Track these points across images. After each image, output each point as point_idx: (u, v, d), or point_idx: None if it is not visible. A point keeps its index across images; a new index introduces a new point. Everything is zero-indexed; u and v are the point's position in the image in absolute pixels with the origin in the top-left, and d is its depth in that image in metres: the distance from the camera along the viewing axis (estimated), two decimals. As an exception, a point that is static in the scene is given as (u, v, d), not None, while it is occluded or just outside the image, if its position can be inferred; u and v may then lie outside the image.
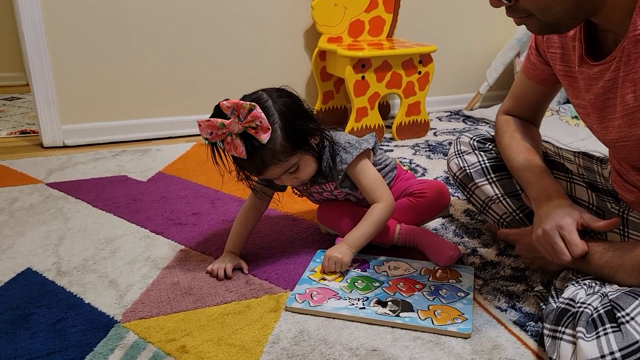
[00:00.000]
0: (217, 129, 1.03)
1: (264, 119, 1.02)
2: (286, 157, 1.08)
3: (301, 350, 0.94)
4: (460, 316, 1.02)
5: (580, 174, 1.19)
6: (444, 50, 2.37)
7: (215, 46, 2.23)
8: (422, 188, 1.31)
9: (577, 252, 0.93)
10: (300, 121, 1.10)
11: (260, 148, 1.04)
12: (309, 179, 1.18)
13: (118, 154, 2.02)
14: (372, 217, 1.19)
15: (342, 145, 1.20)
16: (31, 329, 1.00)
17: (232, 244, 1.24)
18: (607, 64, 0.86)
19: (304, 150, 1.11)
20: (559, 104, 2.47)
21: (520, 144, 1.15)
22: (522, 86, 1.20)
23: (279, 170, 1.10)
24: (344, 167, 1.18)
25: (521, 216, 1.20)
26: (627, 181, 1.01)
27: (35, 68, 2.01)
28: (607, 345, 0.75)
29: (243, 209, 1.27)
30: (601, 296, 0.84)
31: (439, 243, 1.22)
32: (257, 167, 1.09)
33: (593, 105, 0.93)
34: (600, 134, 0.96)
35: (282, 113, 1.07)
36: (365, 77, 2.08)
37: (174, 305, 1.07)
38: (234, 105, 1.01)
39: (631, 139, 0.87)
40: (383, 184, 1.22)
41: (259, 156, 1.06)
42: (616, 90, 0.86)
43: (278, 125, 1.06)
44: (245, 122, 1.02)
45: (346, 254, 1.16)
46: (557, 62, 1.02)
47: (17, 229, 1.40)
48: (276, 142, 1.06)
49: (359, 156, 1.19)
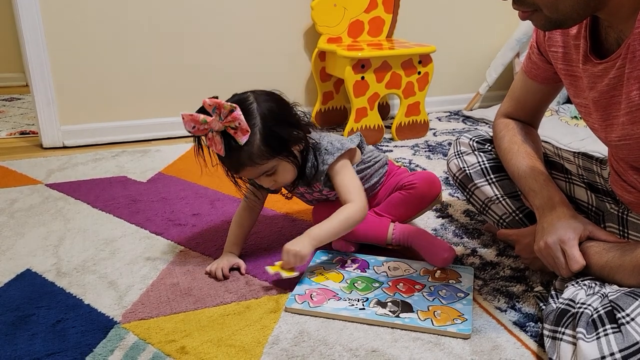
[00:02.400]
0: (200, 124, 1.05)
1: (243, 122, 1.04)
2: (263, 160, 1.09)
3: (301, 351, 0.94)
4: (460, 317, 1.02)
5: (579, 174, 1.19)
6: (443, 50, 2.37)
7: (215, 47, 2.23)
8: (411, 180, 1.31)
9: (575, 268, 0.93)
10: (282, 128, 1.11)
11: (238, 148, 1.06)
12: (289, 182, 1.19)
13: (118, 155, 2.02)
14: (340, 215, 1.15)
15: (324, 147, 1.20)
16: (31, 330, 1.00)
17: (230, 244, 1.25)
18: (612, 62, 0.86)
19: (283, 156, 1.12)
20: (558, 104, 2.47)
21: (521, 148, 1.14)
22: (522, 87, 1.19)
23: (255, 171, 1.12)
24: (325, 168, 1.19)
25: (521, 217, 1.20)
26: (626, 181, 1.01)
27: (34, 69, 2.01)
28: (608, 346, 0.75)
29: (238, 211, 1.28)
30: (601, 297, 0.84)
31: (434, 244, 1.22)
32: (234, 166, 1.12)
33: (597, 103, 0.93)
34: (602, 133, 0.96)
35: (264, 117, 1.08)
36: (364, 77, 2.08)
37: (173, 306, 1.07)
38: (216, 104, 1.04)
39: (634, 137, 0.87)
40: (358, 187, 1.20)
41: (236, 156, 1.08)
42: (621, 88, 0.86)
43: (258, 129, 1.07)
44: (225, 121, 1.04)
45: (305, 247, 1.11)
46: (559, 61, 1.02)
47: (17, 230, 1.40)
48: (254, 144, 1.07)
49: (340, 156, 1.19)
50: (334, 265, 1.22)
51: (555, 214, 1.00)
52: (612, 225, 1.07)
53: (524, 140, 1.16)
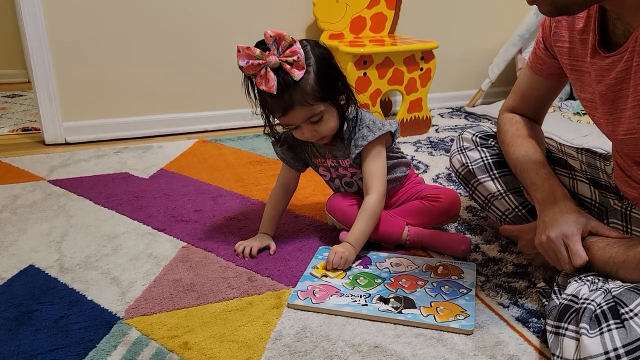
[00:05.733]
0: (254, 58, 1.05)
1: (302, 56, 1.06)
2: (314, 100, 1.10)
3: (303, 347, 0.94)
4: (462, 313, 1.02)
5: (583, 170, 1.19)
6: (446, 46, 2.36)
7: (217, 43, 2.23)
8: (436, 193, 1.32)
9: (578, 263, 0.93)
10: (333, 72, 1.14)
11: (291, 85, 1.07)
12: (328, 138, 1.20)
13: (120, 151, 2.02)
14: (367, 214, 1.19)
15: (365, 123, 1.21)
16: (34, 325, 1.00)
17: (265, 225, 1.29)
18: (620, 55, 0.86)
19: (332, 102, 1.14)
20: (560, 100, 2.46)
21: (524, 142, 1.14)
22: (527, 82, 1.19)
23: (303, 113, 1.11)
24: (364, 144, 1.20)
25: (524, 212, 1.20)
26: (630, 177, 1.01)
27: (36, 65, 2.01)
28: (611, 341, 0.75)
29: (272, 191, 1.31)
30: (604, 292, 0.84)
31: (448, 241, 1.24)
32: (283, 105, 1.10)
33: (604, 96, 0.92)
34: (608, 127, 0.96)
35: (318, 59, 1.11)
36: (367, 73, 2.08)
37: (176, 302, 1.08)
38: (277, 35, 1.05)
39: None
40: (384, 176, 1.23)
41: (288, 93, 1.08)
42: (629, 81, 0.86)
43: (312, 69, 1.09)
44: (283, 55, 1.05)
45: (352, 253, 1.17)
46: (565, 56, 1.02)
47: (20, 226, 1.40)
48: (308, 82, 1.09)
49: (379, 138, 1.20)
50: (336, 261, 1.21)
51: (558, 208, 1.00)
52: (616, 221, 1.07)
53: (527, 135, 1.16)
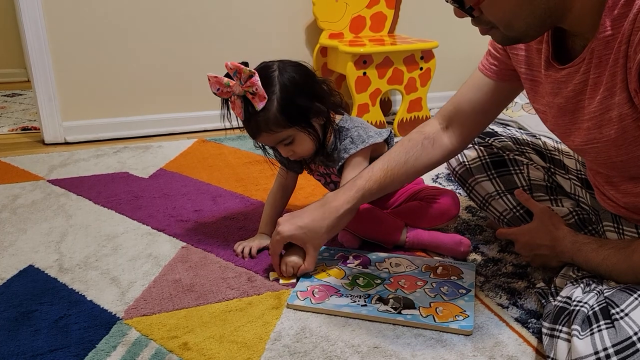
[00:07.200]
0: (223, 86, 1.09)
1: (260, 88, 1.08)
2: (278, 128, 1.12)
3: (303, 347, 0.94)
4: (461, 313, 1.02)
5: (577, 169, 1.19)
6: (445, 46, 2.35)
7: (216, 42, 2.23)
8: (435, 193, 1.31)
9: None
10: (302, 99, 1.13)
11: (255, 114, 1.10)
12: (308, 155, 1.21)
13: (119, 151, 2.02)
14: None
15: (350, 134, 1.22)
16: (34, 326, 1.00)
17: (264, 225, 1.30)
18: (576, 67, 0.85)
19: (300, 127, 1.14)
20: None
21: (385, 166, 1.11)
22: (475, 87, 1.12)
23: (271, 138, 1.15)
24: (345, 157, 1.21)
25: (521, 212, 1.20)
26: (605, 194, 1.01)
27: (36, 64, 2.01)
28: (601, 341, 0.75)
29: (271, 191, 1.33)
30: (597, 294, 0.85)
31: (447, 242, 1.24)
32: (251, 131, 1.15)
33: (564, 108, 0.91)
34: (565, 137, 0.96)
35: (284, 86, 1.11)
36: (366, 73, 2.08)
37: (176, 302, 1.08)
38: (237, 68, 1.08)
39: (601, 140, 0.86)
40: None
41: (254, 121, 1.12)
42: (586, 92, 0.85)
43: (276, 97, 1.11)
44: (245, 86, 1.08)
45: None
46: (522, 65, 1.00)
47: (19, 226, 1.40)
48: (270, 112, 1.10)
49: (362, 150, 1.21)
50: (335, 261, 1.22)
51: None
52: (608, 223, 1.06)
53: (392, 167, 1.12)
